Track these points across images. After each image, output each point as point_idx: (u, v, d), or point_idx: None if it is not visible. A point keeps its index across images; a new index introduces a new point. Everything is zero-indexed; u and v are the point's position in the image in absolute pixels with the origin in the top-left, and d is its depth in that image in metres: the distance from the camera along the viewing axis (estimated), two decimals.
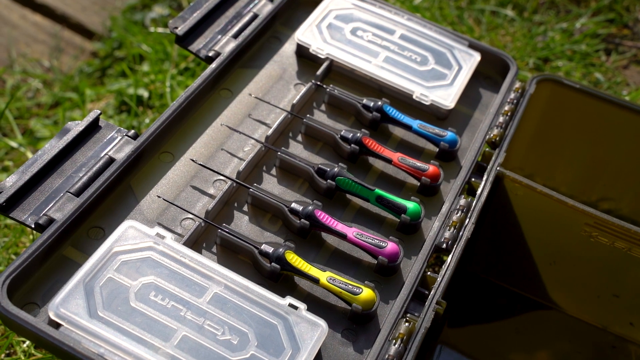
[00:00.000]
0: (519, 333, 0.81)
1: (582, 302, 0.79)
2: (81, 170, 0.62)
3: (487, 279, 0.83)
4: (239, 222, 0.63)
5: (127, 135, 0.65)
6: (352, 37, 0.78)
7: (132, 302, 0.53)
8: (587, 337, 0.80)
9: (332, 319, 0.58)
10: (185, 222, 0.62)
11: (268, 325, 0.54)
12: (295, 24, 0.81)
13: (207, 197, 0.64)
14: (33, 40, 1.32)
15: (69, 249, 0.58)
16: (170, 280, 0.55)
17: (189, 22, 0.75)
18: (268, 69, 0.76)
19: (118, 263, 0.55)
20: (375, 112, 0.72)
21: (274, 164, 0.68)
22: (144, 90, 1.13)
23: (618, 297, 0.76)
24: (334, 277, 0.58)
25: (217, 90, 0.72)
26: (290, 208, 0.63)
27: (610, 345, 0.79)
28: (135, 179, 0.64)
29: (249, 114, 0.72)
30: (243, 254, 0.61)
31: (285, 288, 0.60)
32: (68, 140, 0.63)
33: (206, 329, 0.53)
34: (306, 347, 0.53)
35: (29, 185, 0.59)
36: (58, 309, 0.51)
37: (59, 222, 0.57)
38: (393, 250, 0.61)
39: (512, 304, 0.82)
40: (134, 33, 1.27)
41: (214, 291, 0.55)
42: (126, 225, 0.57)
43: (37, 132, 1.11)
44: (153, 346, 0.51)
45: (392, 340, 0.56)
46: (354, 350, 0.57)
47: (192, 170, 0.66)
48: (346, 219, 0.65)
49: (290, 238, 0.63)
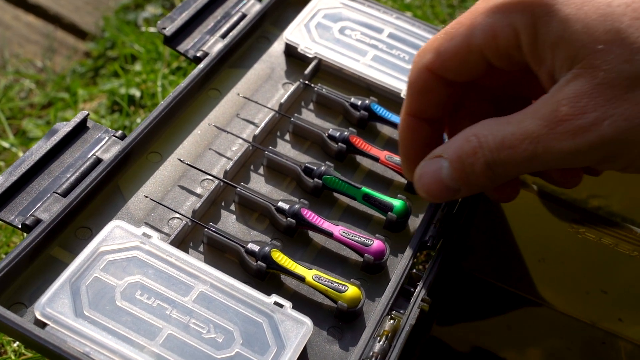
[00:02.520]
0: (510, 329, 0.82)
1: (571, 298, 0.80)
2: (68, 170, 0.62)
3: (476, 276, 0.83)
4: (226, 221, 0.64)
5: (115, 135, 0.65)
6: (341, 36, 0.78)
7: (117, 301, 0.53)
8: (577, 333, 0.80)
9: (318, 316, 0.59)
10: (172, 221, 0.63)
11: (253, 324, 0.54)
12: (284, 24, 0.81)
13: (194, 197, 0.65)
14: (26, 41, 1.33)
15: (56, 249, 0.59)
16: (156, 279, 0.55)
17: (177, 22, 0.75)
18: (256, 68, 0.77)
19: (104, 263, 0.55)
20: (362, 110, 0.72)
21: (261, 163, 0.68)
22: (136, 90, 1.14)
23: (606, 293, 0.76)
24: (320, 275, 0.59)
25: (206, 90, 0.73)
26: (277, 207, 0.63)
27: (600, 341, 0.80)
28: (123, 179, 0.64)
29: (237, 114, 0.72)
30: (230, 253, 0.61)
31: (271, 286, 0.60)
32: (55, 141, 0.63)
33: (192, 327, 0.53)
34: (291, 344, 0.53)
35: (16, 186, 0.60)
36: (44, 308, 0.52)
37: (46, 223, 0.57)
38: (379, 248, 0.61)
39: (503, 301, 0.82)
40: (127, 33, 1.28)
41: (200, 290, 0.55)
42: (113, 225, 0.57)
43: (30, 132, 1.11)
44: (138, 345, 0.51)
45: (377, 338, 0.56)
46: (340, 348, 0.57)
47: (179, 170, 0.66)
48: (333, 217, 0.66)
49: (277, 237, 0.64)
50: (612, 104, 0.46)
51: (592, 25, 0.47)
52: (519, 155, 0.49)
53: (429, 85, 0.56)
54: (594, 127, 0.46)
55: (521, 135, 0.48)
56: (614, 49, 0.46)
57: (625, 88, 0.46)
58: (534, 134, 0.48)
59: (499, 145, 0.49)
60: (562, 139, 0.47)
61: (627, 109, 0.45)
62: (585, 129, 0.46)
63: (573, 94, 0.47)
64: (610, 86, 0.46)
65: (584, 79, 0.47)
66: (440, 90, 0.57)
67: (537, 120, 0.48)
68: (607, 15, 0.47)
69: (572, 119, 0.47)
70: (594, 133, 0.46)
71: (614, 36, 0.46)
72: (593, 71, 0.46)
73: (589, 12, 0.47)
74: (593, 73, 0.46)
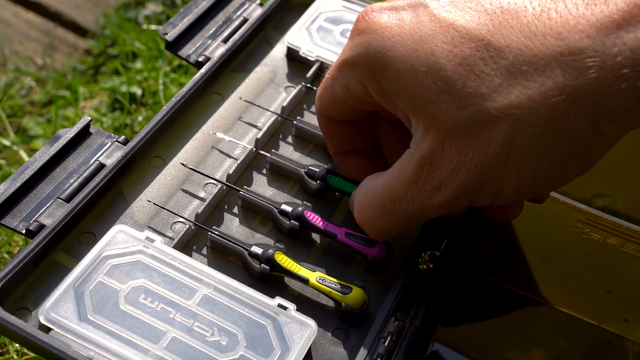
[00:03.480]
0: (514, 330, 0.81)
1: (576, 299, 0.79)
2: (72, 176, 0.62)
3: (480, 276, 0.83)
4: (230, 225, 0.64)
5: (118, 141, 0.66)
6: (342, 39, 0.78)
7: (121, 305, 0.53)
8: (582, 333, 0.80)
9: (323, 318, 0.59)
10: (175, 225, 0.63)
11: (257, 326, 0.54)
12: (285, 28, 0.81)
13: (197, 201, 0.65)
14: (26, 38, 1.33)
15: (60, 254, 0.59)
16: (159, 283, 0.55)
17: (179, 27, 0.75)
18: (258, 72, 0.77)
19: (108, 267, 0.55)
20: None
21: (264, 166, 0.68)
22: (137, 88, 1.14)
23: (612, 293, 0.76)
24: (324, 277, 0.59)
25: (208, 95, 0.73)
26: (280, 209, 0.63)
27: (606, 341, 0.79)
28: (126, 184, 0.64)
29: (240, 117, 0.72)
30: (233, 256, 0.61)
31: (275, 289, 0.60)
32: (58, 147, 0.64)
33: (195, 330, 0.53)
34: (295, 346, 0.53)
35: (19, 192, 0.60)
36: (48, 313, 0.52)
37: (49, 228, 0.58)
38: (383, 249, 0.61)
39: (507, 301, 0.82)
40: (127, 30, 1.28)
41: (204, 293, 0.55)
42: (116, 229, 0.58)
43: (30, 130, 1.12)
44: (142, 348, 0.51)
45: (382, 339, 0.56)
46: (344, 349, 0.57)
47: (182, 174, 0.66)
48: (337, 219, 0.66)
49: (281, 239, 0.64)
50: (462, 154, 0.48)
51: (420, 77, 0.49)
52: (395, 222, 0.55)
53: (332, 126, 0.62)
54: (452, 178, 0.49)
55: (393, 199, 0.53)
56: (445, 97, 0.48)
57: (467, 135, 0.48)
58: (404, 197, 0.53)
59: (379, 215, 0.56)
60: (432, 196, 0.51)
61: (474, 155, 0.48)
62: (446, 182, 0.50)
63: (428, 151, 0.50)
64: (454, 135, 0.48)
65: (433, 131, 0.49)
66: (344, 127, 0.62)
67: (405, 184, 0.52)
68: (431, 66, 0.48)
69: (434, 176, 0.50)
70: (453, 184, 0.49)
71: (443, 86, 0.48)
72: (436, 121, 0.49)
73: (415, 64, 0.49)
74: (437, 124, 0.49)
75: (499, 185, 0.49)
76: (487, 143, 0.47)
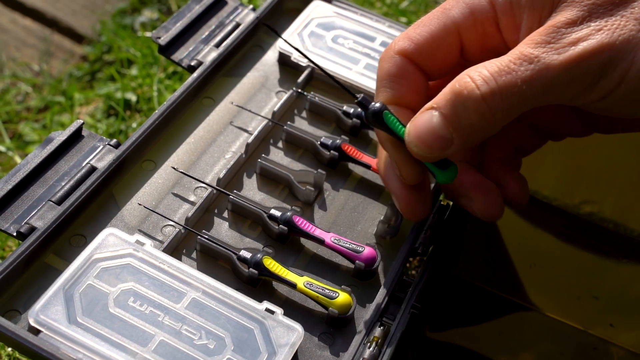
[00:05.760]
0: (502, 335, 0.82)
1: (563, 304, 0.80)
2: (63, 179, 0.63)
3: (468, 281, 0.83)
4: (219, 229, 0.64)
5: (109, 144, 0.66)
6: (334, 45, 0.79)
7: (110, 308, 0.54)
8: (569, 338, 0.81)
9: (310, 323, 0.59)
10: (166, 229, 0.63)
11: (245, 330, 0.55)
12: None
13: (187, 204, 0.65)
14: (23, 44, 1.33)
15: (51, 256, 0.60)
16: (148, 287, 0.56)
17: (172, 32, 0.76)
18: (250, 77, 0.77)
19: (98, 270, 0.56)
20: (355, 118, 0.73)
21: (254, 171, 0.69)
22: (132, 94, 1.15)
23: (598, 299, 0.77)
24: (311, 282, 0.59)
25: (200, 99, 0.74)
26: (269, 214, 0.64)
27: (592, 346, 0.80)
28: (117, 187, 0.65)
29: (231, 122, 0.73)
30: (222, 260, 0.62)
31: (263, 293, 0.61)
32: (50, 150, 0.64)
33: (183, 334, 0.54)
34: (282, 350, 0.54)
35: (11, 194, 0.61)
36: (38, 315, 0.52)
37: (40, 230, 0.58)
38: (370, 255, 0.62)
39: (495, 306, 0.83)
40: (123, 37, 1.28)
41: (192, 297, 0.56)
42: (106, 232, 0.58)
43: (26, 136, 1.12)
44: (131, 351, 0.52)
45: (367, 344, 0.57)
46: (330, 354, 0.58)
47: (173, 178, 0.67)
48: (325, 225, 0.66)
49: (270, 244, 0.64)
50: (604, 19, 0.49)
51: None
52: (518, 78, 0.49)
53: (402, 71, 0.57)
54: (590, 36, 0.49)
55: (519, 59, 0.50)
56: None
57: (612, 6, 0.49)
58: (532, 55, 0.49)
59: (496, 73, 0.50)
60: (561, 52, 0.49)
61: (617, 20, 0.49)
62: (583, 39, 0.49)
63: (565, 19, 0.50)
64: (598, 5, 0.49)
65: (574, 7, 0.50)
66: (415, 77, 0.57)
67: (533, 45, 0.50)
68: None
69: (569, 33, 0.49)
70: (591, 40, 0.49)
71: None
72: (579, 3, 0.50)
73: None
74: (581, 3, 0.50)
75: (630, 63, 0.48)
76: (628, 19, 0.49)
